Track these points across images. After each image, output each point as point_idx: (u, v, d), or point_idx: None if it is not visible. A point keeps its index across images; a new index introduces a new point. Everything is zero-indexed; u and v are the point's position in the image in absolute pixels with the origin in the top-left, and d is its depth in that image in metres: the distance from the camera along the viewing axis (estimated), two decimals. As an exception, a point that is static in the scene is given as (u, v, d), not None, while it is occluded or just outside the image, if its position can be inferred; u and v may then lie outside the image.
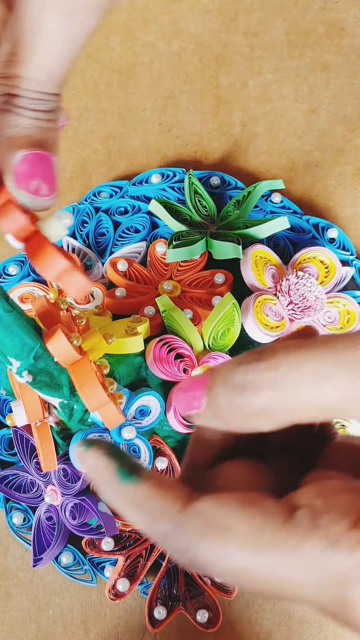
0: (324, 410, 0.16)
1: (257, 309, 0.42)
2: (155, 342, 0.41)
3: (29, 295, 0.47)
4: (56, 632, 0.43)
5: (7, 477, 0.43)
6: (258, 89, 0.54)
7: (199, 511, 0.16)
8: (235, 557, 0.15)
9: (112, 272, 0.46)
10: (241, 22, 0.55)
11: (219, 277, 0.46)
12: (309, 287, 0.44)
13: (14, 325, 0.33)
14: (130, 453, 0.40)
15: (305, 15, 0.55)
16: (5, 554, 0.44)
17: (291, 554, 0.15)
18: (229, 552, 0.15)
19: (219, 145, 0.53)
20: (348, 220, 0.51)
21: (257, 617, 0.43)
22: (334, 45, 0.54)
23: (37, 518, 0.42)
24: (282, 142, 0.53)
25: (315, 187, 0.52)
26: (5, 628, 0.43)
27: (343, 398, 0.15)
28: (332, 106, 0.53)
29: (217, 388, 0.17)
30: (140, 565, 0.41)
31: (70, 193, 0.53)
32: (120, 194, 0.50)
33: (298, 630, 0.42)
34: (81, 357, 0.35)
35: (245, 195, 0.48)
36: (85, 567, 0.43)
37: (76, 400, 0.37)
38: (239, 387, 0.16)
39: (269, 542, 0.15)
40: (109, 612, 0.43)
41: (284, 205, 0.50)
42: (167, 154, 0.53)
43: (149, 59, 0.55)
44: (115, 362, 0.40)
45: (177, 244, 0.45)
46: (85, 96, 0.55)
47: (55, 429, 0.40)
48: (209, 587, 0.41)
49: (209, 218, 0.49)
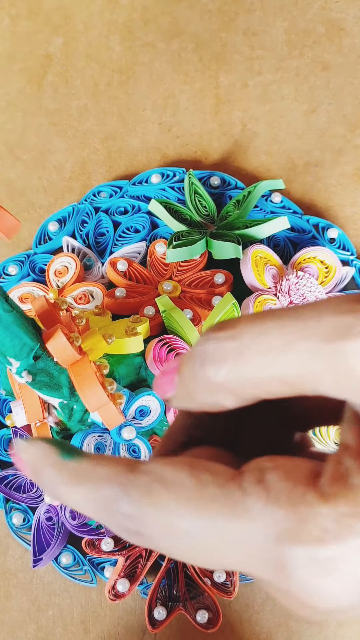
0: (288, 383, 0.15)
1: (257, 309, 0.42)
2: (155, 342, 0.41)
3: (29, 295, 0.47)
4: (56, 632, 0.43)
5: (7, 477, 0.43)
6: (258, 89, 0.54)
7: (146, 470, 0.15)
8: (178, 518, 0.15)
9: (112, 272, 0.46)
10: (241, 22, 0.55)
11: (219, 277, 0.46)
12: (309, 287, 0.44)
13: (13, 325, 0.33)
14: (131, 453, 0.40)
15: (305, 15, 0.55)
16: (5, 554, 0.44)
17: (232, 508, 0.14)
18: (172, 510, 0.15)
19: (219, 145, 0.53)
20: (348, 220, 0.51)
21: (257, 617, 0.43)
22: (334, 45, 0.54)
23: (37, 518, 0.42)
24: (282, 142, 0.53)
25: (315, 187, 0.52)
26: (5, 628, 0.43)
27: (307, 369, 0.14)
28: (332, 106, 0.53)
29: (184, 364, 0.16)
30: (140, 566, 0.41)
31: (70, 193, 0.53)
32: (120, 194, 0.50)
33: (298, 630, 0.42)
34: (81, 357, 0.35)
35: (245, 195, 0.48)
36: (85, 567, 0.43)
37: (76, 400, 0.37)
38: (199, 359, 0.16)
39: (211, 496, 0.14)
40: (109, 613, 0.43)
41: (284, 205, 0.50)
42: (167, 154, 0.53)
43: (149, 59, 0.55)
44: (115, 362, 0.40)
45: (177, 244, 0.45)
46: (85, 96, 0.55)
47: (55, 429, 0.40)
48: (208, 587, 0.41)
49: (209, 218, 0.49)
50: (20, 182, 0.53)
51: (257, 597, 0.43)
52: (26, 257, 0.49)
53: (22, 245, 0.51)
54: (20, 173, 0.53)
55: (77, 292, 0.46)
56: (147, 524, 0.15)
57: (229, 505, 0.14)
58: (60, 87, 0.55)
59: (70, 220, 0.50)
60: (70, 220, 0.50)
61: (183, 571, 0.42)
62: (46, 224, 0.50)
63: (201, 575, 0.41)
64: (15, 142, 0.54)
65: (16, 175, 0.53)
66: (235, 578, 0.41)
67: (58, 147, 0.54)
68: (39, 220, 0.51)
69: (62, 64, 0.56)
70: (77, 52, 0.56)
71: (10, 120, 0.55)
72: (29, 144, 0.54)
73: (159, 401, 0.40)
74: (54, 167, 0.53)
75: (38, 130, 0.54)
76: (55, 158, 0.54)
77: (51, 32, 0.57)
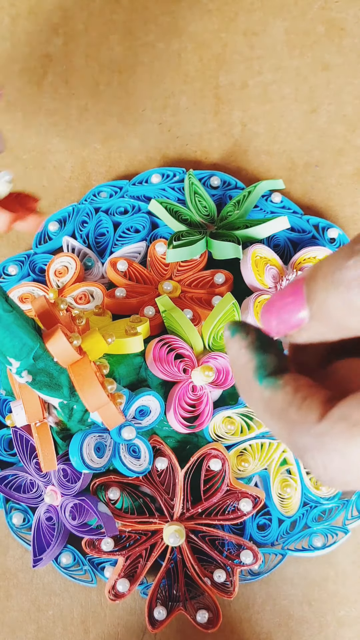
0: None
1: (257, 309, 0.42)
2: (155, 342, 0.41)
3: (29, 295, 0.47)
4: (56, 632, 0.43)
5: (7, 477, 0.43)
6: (258, 88, 0.54)
7: (342, 415, 0.14)
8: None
9: (112, 272, 0.46)
10: (241, 22, 0.55)
11: (219, 277, 0.46)
12: (309, 287, 0.44)
13: (13, 325, 0.33)
14: (131, 453, 0.40)
15: (305, 15, 0.55)
16: (5, 554, 0.44)
17: None
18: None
19: (219, 145, 0.53)
20: (348, 220, 0.51)
21: (257, 617, 0.43)
22: (334, 45, 0.54)
23: (37, 518, 0.42)
24: (282, 142, 0.53)
25: (315, 187, 0.52)
26: (5, 629, 0.43)
27: None
28: (332, 106, 0.53)
29: (324, 293, 0.15)
30: (140, 566, 0.41)
31: (70, 193, 0.53)
32: (120, 194, 0.50)
33: (298, 630, 0.42)
34: (81, 357, 0.35)
35: (245, 195, 0.48)
36: (85, 567, 0.43)
37: (76, 400, 0.37)
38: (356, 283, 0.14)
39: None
40: (109, 613, 0.43)
41: (284, 205, 0.50)
42: (167, 154, 0.53)
43: (149, 59, 0.55)
44: (115, 362, 0.40)
45: (177, 244, 0.45)
46: (85, 96, 0.55)
47: (55, 429, 0.40)
48: (208, 587, 0.41)
49: (209, 218, 0.49)
50: (20, 182, 0.53)
51: (257, 597, 0.43)
52: (26, 257, 0.49)
53: (22, 245, 0.51)
54: (20, 173, 0.53)
55: (77, 292, 0.46)
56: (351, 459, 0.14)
57: None
58: (60, 87, 0.55)
59: (70, 220, 0.50)
60: (70, 220, 0.50)
61: (183, 571, 0.42)
62: (46, 224, 0.50)
63: (201, 575, 0.41)
64: (15, 142, 0.54)
65: (16, 175, 0.53)
66: (235, 578, 0.41)
67: (58, 147, 0.54)
68: (39, 220, 0.51)
69: (62, 64, 0.56)
70: (77, 52, 0.56)
71: (10, 120, 0.55)
72: (29, 144, 0.54)
73: (159, 401, 0.40)
74: (54, 167, 0.53)
75: (38, 130, 0.54)
76: (55, 158, 0.54)
77: (51, 32, 0.57)
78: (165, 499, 0.42)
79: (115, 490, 0.41)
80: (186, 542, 0.41)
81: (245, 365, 0.16)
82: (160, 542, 0.41)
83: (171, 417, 0.41)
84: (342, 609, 0.43)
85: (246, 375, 0.16)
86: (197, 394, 0.42)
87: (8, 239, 0.52)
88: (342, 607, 0.43)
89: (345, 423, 0.14)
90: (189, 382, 0.41)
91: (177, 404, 0.41)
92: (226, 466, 0.42)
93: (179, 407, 0.41)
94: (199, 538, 0.42)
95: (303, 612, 0.43)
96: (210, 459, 0.42)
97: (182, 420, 0.41)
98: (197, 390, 0.42)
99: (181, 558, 0.41)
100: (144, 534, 0.42)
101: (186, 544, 0.41)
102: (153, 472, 0.42)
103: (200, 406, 0.42)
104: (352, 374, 0.16)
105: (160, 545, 0.41)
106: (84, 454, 0.38)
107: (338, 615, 0.42)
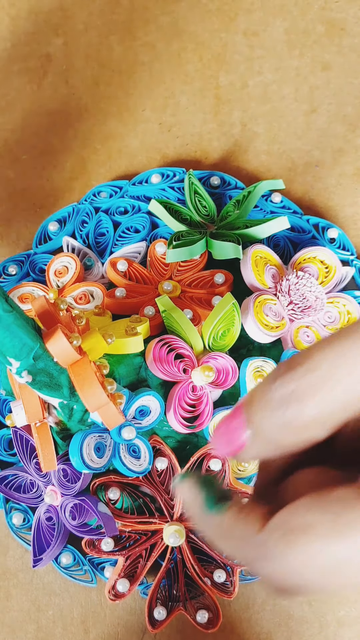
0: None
1: (257, 309, 0.42)
2: (155, 342, 0.41)
3: (29, 295, 0.47)
4: (56, 632, 0.43)
5: (7, 477, 0.43)
6: (258, 89, 0.54)
7: (277, 524, 0.16)
8: (323, 552, 0.15)
9: (112, 272, 0.46)
10: (241, 22, 0.55)
11: (219, 277, 0.46)
12: (309, 287, 0.44)
13: (13, 325, 0.33)
14: (131, 453, 0.40)
15: (305, 15, 0.55)
16: (5, 554, 0.44)
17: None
18: (315, 548, 0.15)
19: (219, 145, 0.53)
20: (348, 220, 0.51)
21: (257, 617, 0.43)
22: (334, 45, 0.54)
23: (37, 518, 0.42)
24: (282, 142, 0.53)
25: (315, 187, 0.52)
26: (5, 629, 0.43)
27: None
28: (332, 106, 0.53)
29: (259, 414, 0.16)
30: (140, 566, 0.41)
31: (70, 193, 0.53)
32: (120, 193, 0.50)
33: (298, 630, 0.42)
34: (81, 357, 0.35)
35: (245, 195, 0.48)
36: (85, 567, 0.43)
37: (76, 400, 0.37)
38: (283, 402, 0.16)
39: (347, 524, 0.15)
40: (109, 613, 0.43)
41: (284, 205, 0.50)
42: (167, 154, 0.53)
43: (149, 59, 0.55)
44: (115, 362, 0.40)
45: (177, 244, 0.45)
46: (85, 96, 0.55)
47: (55, 429, 0.40)
48: (208, 587, 0.41)
49: (209, 218, 0.49)
50: (20, 182, 0.53)
51: (257, 597, 0.43)
52: (26, 257, 0.49)
53: (22, 245, 0.51)
54: (20, 173, 0.53)
55: (77, 292, 0.46)
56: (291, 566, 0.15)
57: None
58: (60, 87, 0.55)
59: (70, 220, 0.50)
60: (70, 220, 0.50)
61: (183, 571, 0.42)
62: (46, 224, 0.50)
63: (201, 575, 0.41)
64: (15, 142, 0.54)
65: (16, 175, 0.53)
66: (235, 578, 0.41)
67: (58, 147, 0.54)
68: (39, 220, 0.51)
69: (62, 64, 0.56)
70: (77, 52, 0.56)
71: (10, 120, 0.55)
72: (29, 144, 0.54)
73: (159, 401, 0.40)
74: (54, 167, 0.53)
75: (38, 130, 0.54)
76: (55, 158, 0.54)
77: (51, 32, 0.57)
78: (165, 499, 0.42)
79: (115, 490, 0.41)
80: (186, 542, 0.41)
81: (195, 501, 0.18)
82: (160, 542, 0.41)
83: (171, 417, 0.41)
84: (342, 609, 0.43)
85: (197, 509, 0.18)
86: (197, 394, 0.42)
87: (8, 239, 0.52)
88: (342, 607, 0.43)
89: (280, 531, 0.15)
90: (189, 382, 0.41)
91: (177, 404, 0.41)
92: (226, 466, 0.42)
93: (179, 407, 0.41)
94: (199, 538, 0.42)
95: (303, 612, 0.43)
96: (210, 459, 0.42)
97: (182, 421, 0.41)
98: (197, 390, 0.42)
99: (181, 558, 0.41)
100: (144, 534, 0.42)
101: (186, 544, 0.41)
102: (153, 472, 0.42)
103: (200, 406, 0.42)
104: (299, 486, 0.18)
105: (160, 545, 0.41)
106: (84, 454, 0.38)
107: (338, 615, 0.42)
